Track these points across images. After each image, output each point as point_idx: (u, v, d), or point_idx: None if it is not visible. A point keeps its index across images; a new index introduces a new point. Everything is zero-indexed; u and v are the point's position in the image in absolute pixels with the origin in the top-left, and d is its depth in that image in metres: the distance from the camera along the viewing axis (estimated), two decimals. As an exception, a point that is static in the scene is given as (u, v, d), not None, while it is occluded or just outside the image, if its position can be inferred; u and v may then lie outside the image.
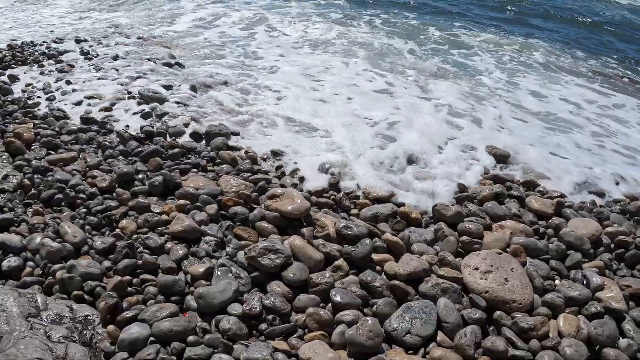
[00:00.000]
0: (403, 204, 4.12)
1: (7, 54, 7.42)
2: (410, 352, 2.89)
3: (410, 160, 4.97)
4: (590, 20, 14.11)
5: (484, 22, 12.99)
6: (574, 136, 6.29)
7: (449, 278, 3.28)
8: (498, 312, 3.17)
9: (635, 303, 3.55)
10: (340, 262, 3.40)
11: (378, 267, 3.43)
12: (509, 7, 14.70)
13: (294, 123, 5.71)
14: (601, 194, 4.90)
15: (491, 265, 3.38)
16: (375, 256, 3.46)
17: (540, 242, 3.83)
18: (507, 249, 3.66)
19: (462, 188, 4.46)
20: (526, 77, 8.72)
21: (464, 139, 5.58)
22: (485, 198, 4.25)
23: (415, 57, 9.34)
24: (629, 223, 4.49)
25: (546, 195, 4.51)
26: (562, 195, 4.54)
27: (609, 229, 4.14)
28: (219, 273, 3.27)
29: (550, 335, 3.08)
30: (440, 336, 2.99)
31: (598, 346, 3.07)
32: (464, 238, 3.67)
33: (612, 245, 4.06)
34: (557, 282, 3.55)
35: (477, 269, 3.37)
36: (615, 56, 11.11)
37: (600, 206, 4.71)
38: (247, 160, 4.70)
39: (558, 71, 9.38)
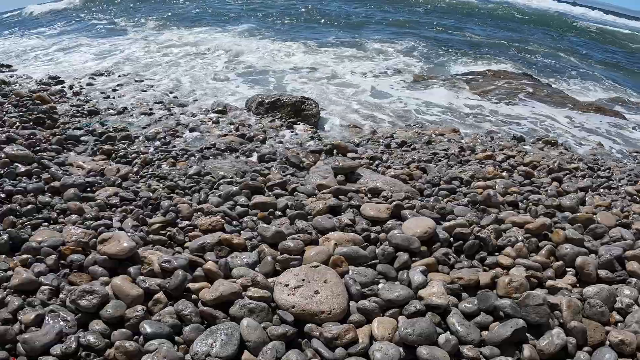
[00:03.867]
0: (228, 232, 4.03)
1: None
2: (213, 374, 2.86)
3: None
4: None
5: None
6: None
7: (257, 298, 3.24)
8: (309, 325, 3.13)
9: (470, 294, 3.55)
10: (159, 295, 3.37)
11: (194, 296, 3.40)
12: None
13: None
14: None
15: (303, 280, 3.35)
16: (193, 285, 3.44)
17: (367, 249, 3.81)
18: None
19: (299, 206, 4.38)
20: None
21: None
22: (320, 212, 4.19)
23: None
24: (473, 213, 4.48)
25: (390, 200, 4.46)
26: (407, 198, 4.51)
27: (446, 223, 4.14)
28: (48, 318, 3.27)
29: (361, 340, 3.03)
30: (247, 355, 2.96)
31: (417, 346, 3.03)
32: (282, 256, 3.62)
33: (452, 239, 4.04)
34: (380, 286, 3.49)
35: (287, 285, 3.33)
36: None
37: (449, 201, 4.70)
38: (95, 208, 4.62)
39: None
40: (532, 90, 11.52)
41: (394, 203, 4.30)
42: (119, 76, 10.42)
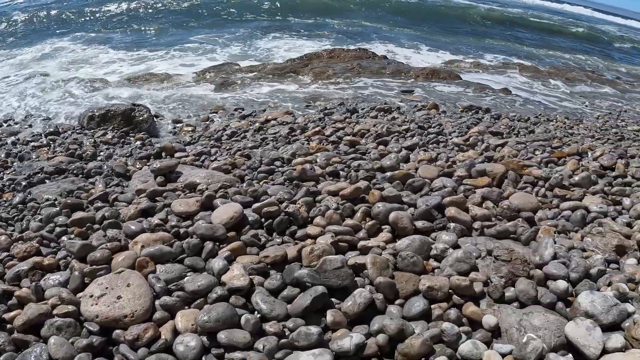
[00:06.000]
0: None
1: None
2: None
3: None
4: None
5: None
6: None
7: (63, 314, 3.33)
8: (116, 331, 3.24)
9: (279, 269, 3.68)
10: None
11: (10, 325, 3.40)
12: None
13: None
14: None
15: (106, 288, 3.48)
16: (8, 315, 3.45)
17: (174, 244, 3.94)
18: (138, 264, 3.74)
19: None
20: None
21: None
22: (132, 217, 4.29)
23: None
24: (286, 190, 4.69)
25: (206, 193, 4.60)
26: (223, 187, 4.66)
27: (255, 205, 4.30)
28: None
29: (163, 336, 3.17)
30: (58, 373, 3.04)
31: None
32: (88, 268, 3.71)
33: (263, 219, 4.21)
34: (185, 279, 3.61)
35: (91, 296, 3.44)
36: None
37: (265, 182, 4.90)
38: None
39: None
40: (367, 65, 12.06)
41: (205, 194, 4.47)
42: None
